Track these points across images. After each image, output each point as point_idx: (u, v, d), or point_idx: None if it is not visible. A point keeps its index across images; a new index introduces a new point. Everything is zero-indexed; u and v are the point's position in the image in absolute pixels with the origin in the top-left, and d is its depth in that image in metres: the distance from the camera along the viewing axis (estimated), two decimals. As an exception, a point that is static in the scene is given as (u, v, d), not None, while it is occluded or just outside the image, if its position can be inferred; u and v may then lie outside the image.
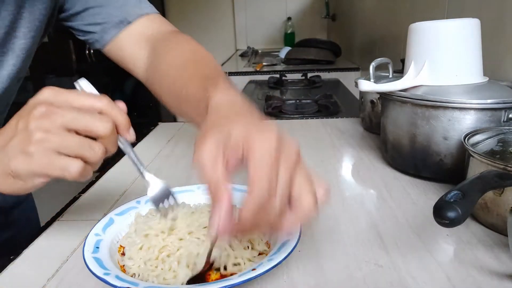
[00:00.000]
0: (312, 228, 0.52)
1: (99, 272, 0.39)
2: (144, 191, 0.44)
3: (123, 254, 0.45)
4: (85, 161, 0.38)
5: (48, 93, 0.39)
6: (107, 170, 0.75)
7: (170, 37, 0.66)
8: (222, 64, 2.51)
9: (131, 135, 0.42)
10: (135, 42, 0.66)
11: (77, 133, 0.38)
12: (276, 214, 0.35)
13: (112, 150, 0.40)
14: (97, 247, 0.43)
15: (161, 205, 0.44)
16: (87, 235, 0.45)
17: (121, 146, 0.42)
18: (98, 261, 0.41)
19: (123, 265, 0.43)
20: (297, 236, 0.43)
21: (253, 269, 0.38)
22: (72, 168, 0.37)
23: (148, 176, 0.43)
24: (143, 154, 0.84)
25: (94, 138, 0.38)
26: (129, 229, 0.48)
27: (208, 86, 0.47)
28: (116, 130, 0.40)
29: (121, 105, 0.41)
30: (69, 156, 0.37)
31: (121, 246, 0.46)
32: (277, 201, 0.34)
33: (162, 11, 3.35)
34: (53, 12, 0.64)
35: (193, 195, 0.54)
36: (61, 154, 0.37)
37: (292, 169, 0.35)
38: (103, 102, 0.39)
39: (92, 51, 2.86)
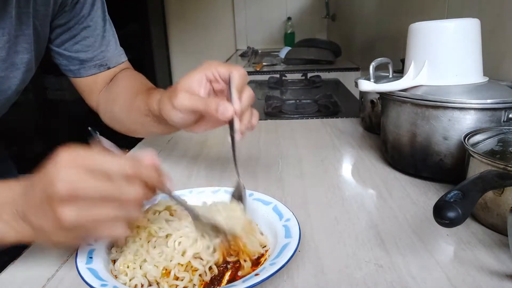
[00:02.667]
0: (312, 228, 0.52)
1: (95, 283, 0.37)
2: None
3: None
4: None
5: (68, 163, 0.35)
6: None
7: (123, 71, 0.77)
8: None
9: (168, 187, 0.41)
10: (103, 81, 0.75)
11: None
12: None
13: (150, 200, 0.40)
14: (91, 257, 0.42)
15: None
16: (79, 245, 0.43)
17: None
18: (93, 272, 0.39)
19: (116, 275, 0.41)
20: (297, 237, 0.43)
21: (256, 274, 0.38)
22: (118, 233, 0.38)
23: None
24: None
25: None
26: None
27: (150, 92, 0.63)
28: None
29: (147, 159, 0.40)
30: (110, 223, 0.37)
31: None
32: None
33: (162, 11, 3.35)
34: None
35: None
36: (101, 225, 0.37)
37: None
38: (128, 166, 0.37)
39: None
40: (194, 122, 0.57)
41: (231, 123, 0.53)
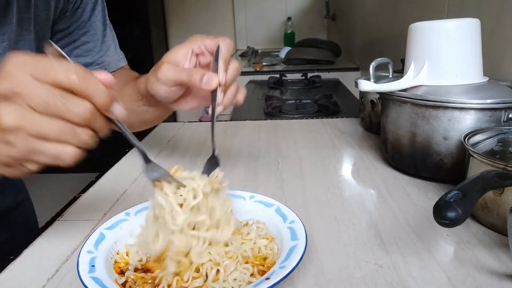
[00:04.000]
0: (312, 228, 0.52)
1: None
2: (142, 194, 0.44)
3: (121, 272, 0.42)
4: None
5: (14, 65, 0.34)
6: (107, 170, 0.75)
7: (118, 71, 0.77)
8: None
9: (116, 111, 0.37)
10: None
11: None
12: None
13: (102, 131, 0.37)
14: (93, 266, 0.40)
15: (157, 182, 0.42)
16: (79, 253, 0.42)
17: (115, 125, 0.38)
18: (97, 281, 0.38)
19: (122, 283, 0.40)
20: (304, 240, 0.43)
21: (267, 278, 0.37)
22: (65, 157, 0.35)
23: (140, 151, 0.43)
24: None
25: None
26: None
27: (138, 77, 0.62)
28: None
29: (101, 76, 0.36)
30: (54, 141, 0.34)
31: (116, 261, 0.44)
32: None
33: (162, 11, 3.35)
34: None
35: None
36: (45, 139, 0.34)
37: None
38: (74, 78, 0.34)
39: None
40: (181, 97, 0.57)
41: (214, 95, 0.52)
